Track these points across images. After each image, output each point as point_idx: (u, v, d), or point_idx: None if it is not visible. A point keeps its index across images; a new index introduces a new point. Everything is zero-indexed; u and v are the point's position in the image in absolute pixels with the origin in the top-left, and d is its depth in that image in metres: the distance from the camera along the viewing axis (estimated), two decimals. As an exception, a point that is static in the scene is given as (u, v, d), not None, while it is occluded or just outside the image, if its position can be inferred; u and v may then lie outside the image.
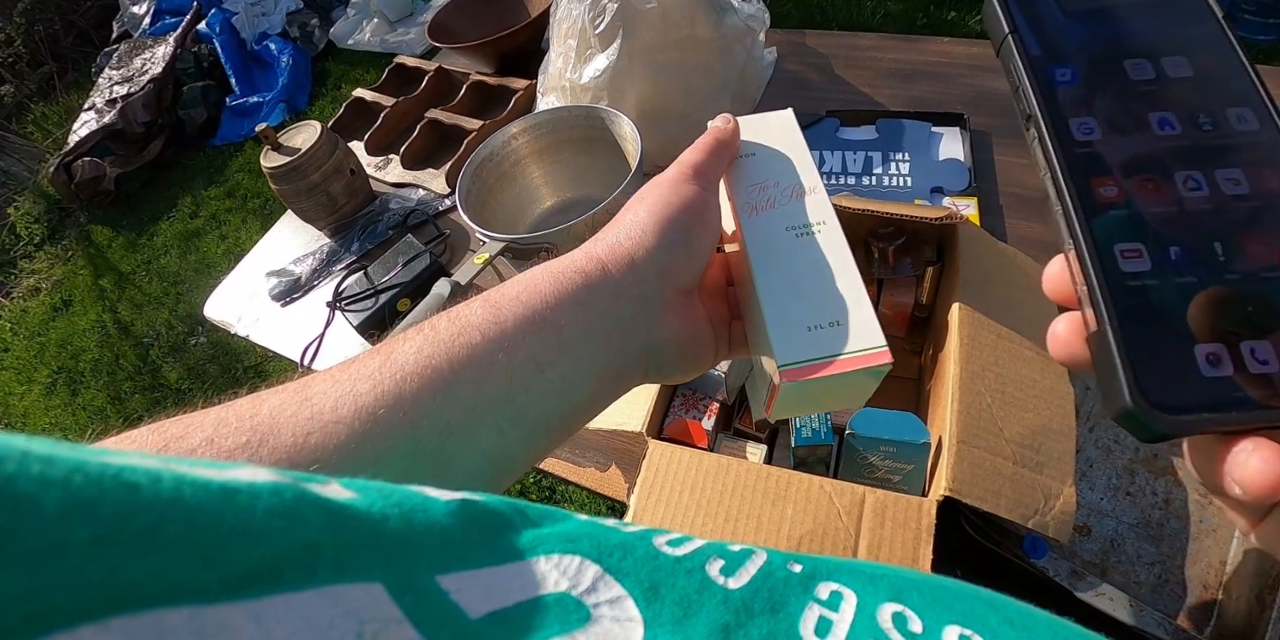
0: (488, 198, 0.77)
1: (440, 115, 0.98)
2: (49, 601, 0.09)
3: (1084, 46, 0.21)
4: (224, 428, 0.20)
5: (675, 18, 0.79)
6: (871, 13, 1.98)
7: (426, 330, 0.24)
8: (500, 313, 0.24)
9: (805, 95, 0.92)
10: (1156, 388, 0.17)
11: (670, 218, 0.27)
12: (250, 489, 0.12)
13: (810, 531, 0.44)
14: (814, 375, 0.25)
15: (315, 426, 0.21)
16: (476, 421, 0.23)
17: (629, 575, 0.15)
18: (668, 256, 0.26)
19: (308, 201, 0.90)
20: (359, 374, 0.22)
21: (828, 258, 0.28)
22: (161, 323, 1.98)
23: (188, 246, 2.15)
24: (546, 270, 0.26)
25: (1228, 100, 0.20)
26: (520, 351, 0.23)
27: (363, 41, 2.41)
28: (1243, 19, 1.68)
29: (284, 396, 0.22)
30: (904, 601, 0.16)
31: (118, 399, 1.85)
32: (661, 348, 0.27)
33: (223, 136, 2.41)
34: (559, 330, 0.24)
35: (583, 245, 0.27)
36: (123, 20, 2.79)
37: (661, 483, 0.47)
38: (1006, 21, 0.22)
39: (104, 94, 2.43)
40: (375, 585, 0.12)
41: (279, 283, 0.91)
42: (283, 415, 0.21)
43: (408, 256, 0.78)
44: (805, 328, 0.26)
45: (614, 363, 0.26)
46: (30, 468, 0.09)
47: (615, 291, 0.25)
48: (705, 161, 0.29)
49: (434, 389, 0.22)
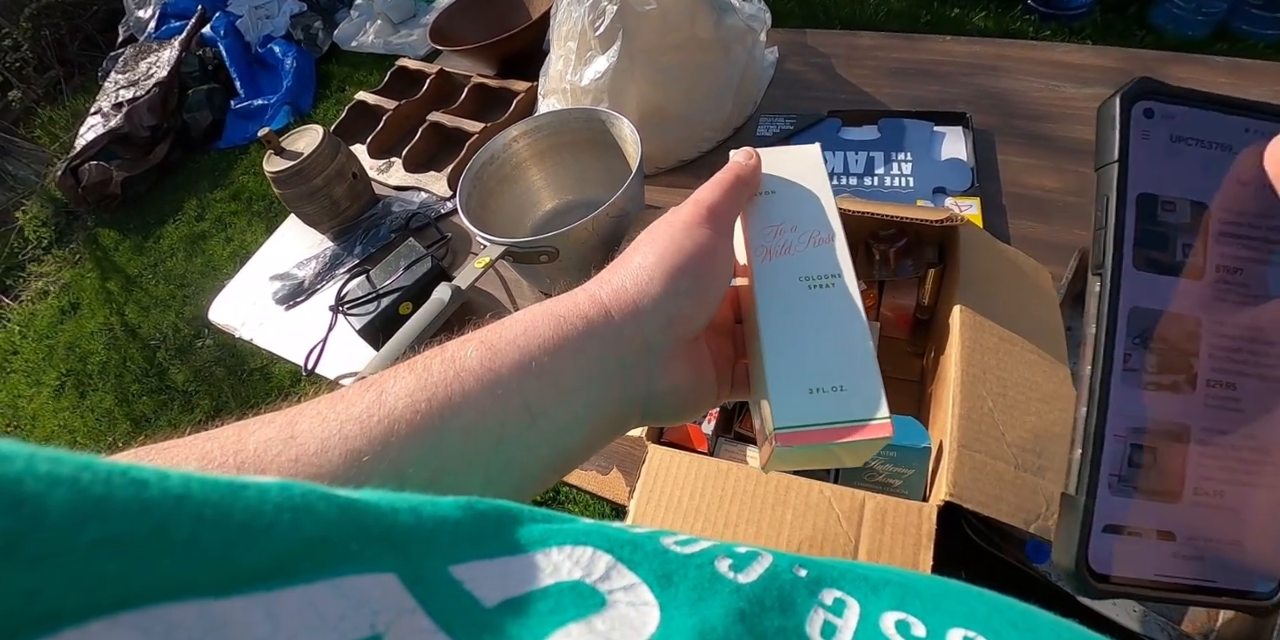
0: (488, 201, 0.77)
1: (442, 118, 0.99)
2: (59, 598, 0.09)
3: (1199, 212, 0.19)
4: (209, 462, 0.20)
5: (675, 19, 0.79)
6: (875, 9, 1.97)
7: (419, 370, 0.23)
8: (496, 358, 0.23)
9: (807, 95, 0.92)
10: (1098, 559, 0.19)
11: (680, 265, 0.25)
12: (258, 485, 0.12)
13: (810, 537, 0.44)
14: (809, 442, 0.24)
15: (299, 470, 0.20)
16: (465, 469, 0.22)
17: (641, 565, 0.15)
18: (674, 306, 0.25)
19: (310, 205, 0.91)
20: (348, 415, 0.22)
21: (840, 314, 0.26)
22: (168, 325, 1.99)
23: (194, 249, 2.17)
24: (548, 311, 0.25)
25: None
26: (514, 400, 0.23)
27: (366, 43, 2.42)
28: (1250, 13, 1.66)
29: (270, 432, 0.21)
30: (907, 608, 0.16)
31: (126, 401, 1.87)
32: (661, 397, 0.26)
33: (228, 139, 2.42)
34: (556, 379, 0.23)
35: (587, 285, 0.26)
36: (128, 24, 2.81)
37: (661, 488, 0.47)
38: (1120, 144, 0.19)
39: (110, 98, 2.44)
40: (388, 576, 0.12)
41: (282, 286, 0.91)
42: (268, 454, 0.21)
43: (410, 260, 0.78)
44: (808, 390, 0.25)
45: (610, 412, 0.25)
46: (38, 466, 0.09)
47: (617, 338, 0.24)
48: (722, 202, 0.27)
49: (423, 436, 0.21)
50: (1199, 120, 0.19)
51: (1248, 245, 0.19)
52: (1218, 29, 1.70)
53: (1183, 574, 0.19)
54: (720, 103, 0.86)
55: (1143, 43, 1.73)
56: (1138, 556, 0.20)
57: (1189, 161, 0.19)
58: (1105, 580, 0.19)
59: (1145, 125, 0.19)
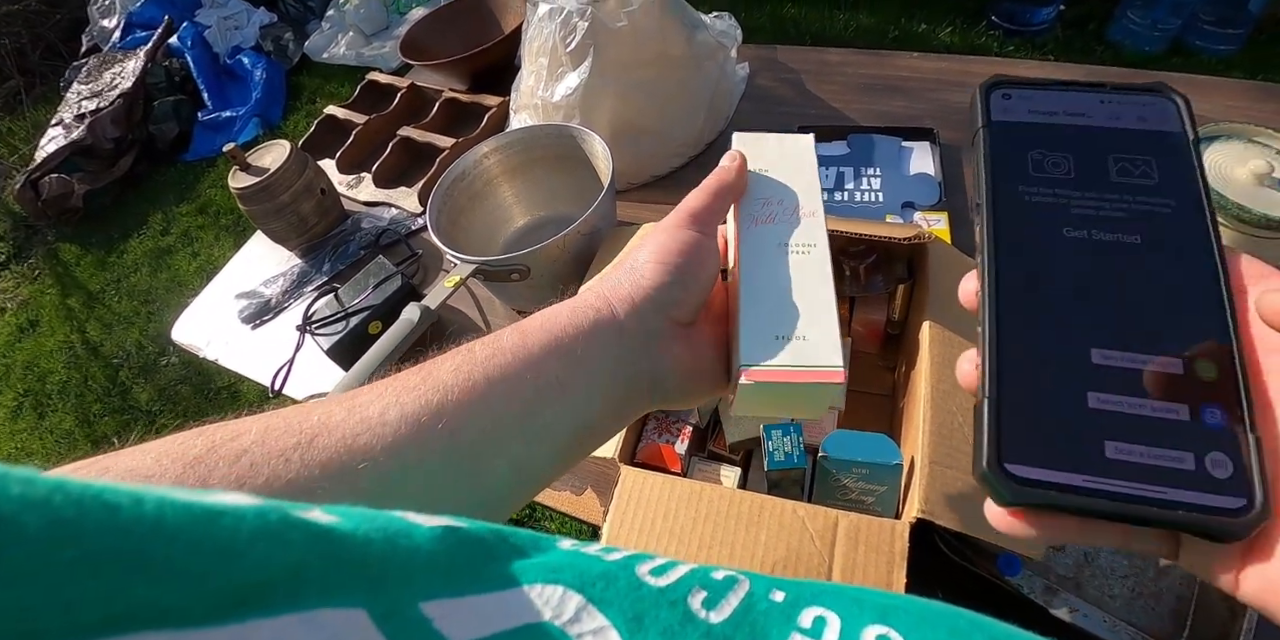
0: (459, 218, 0.76)
1: (413, 133, 0.98)
2: (29, 625, 0.08)
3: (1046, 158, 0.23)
4: (273, 431, 0.22)
5: (646, 35, 0.80)
6: (844, 25, 2.00)
7: (464, 352, 0.26)
8: (528, 338, 0.27)
9: (777, 110, 0.93)
10: (1013, 459, 0.18)
11: (666, 262, 0.29)
12: (235, 511, 0.11)
13: (784, 557, 0.43)
14: (770, 379, 0.27)
15: (364, 429, 0.23)
16: (506, 432, 0.25)
17: (612, 605, 0.15)
18: (664, 296, 0.29)
19: (277, 222, 0.89)
20: (402, 387, 0.25)
21: (811, 277, 0.30)
22: (132, 343, 1.94)
23: (159, 264, 2.11)
24: (565, 305, 0.29)
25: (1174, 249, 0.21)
26: (545, 372, 0.26)
27: (338, 55, 2.40)
28: (1202, 29, 1.73)
29: (330, 407, 0.24)
30: (889, 623, 0.16)
31: (87, 421, 1.81)
32: (665, 375, 0.30)
33: (195, 152, 2.37)
34: (575, 355, 0.27)
35: (592, 285, 0.31)
36: (92, 34, 2.75)
37: (634, 510, 0.46)
38: (983, 115, 0.24)
39: (72, 109, 2.38)
40: (359, 611, 0.12)
41: (249, 305, 0.89)
42: (331, 420, 0.23)
43: (379, 278, 0.77)
44: (774, 336, 0.28)
45: (620, 387, 0.29)
46: (9, 488, 0.09)
47: (619, 327, 0.28)
48: (705, 207, 0.31)
49: (471, 401, 0.25)
50: (1053, 98, 0.24)
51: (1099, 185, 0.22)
52: (1173, 44, 1.77)
53: (1121, 481, 0.17)
54: (692, 118, 0.87)
55: (1102, 58, 1.78)
56: (1063, 459, 0.18)
57: (1048, 126, 0.23)
58: (1026, 483, 0.18)
59: (1004, 104, 0.24)
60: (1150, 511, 0.17)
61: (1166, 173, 0.22)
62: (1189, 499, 0.17)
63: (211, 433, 0.22)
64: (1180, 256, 0.20)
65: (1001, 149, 0.23)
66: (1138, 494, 0.17)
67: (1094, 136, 0.23)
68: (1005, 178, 0.22)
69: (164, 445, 0.21)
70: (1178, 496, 0.17)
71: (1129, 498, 0.17)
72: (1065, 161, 0.22)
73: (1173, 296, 0.20)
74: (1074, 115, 0.23)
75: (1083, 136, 0.23)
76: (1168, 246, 0.21)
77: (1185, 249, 0.20)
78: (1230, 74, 1.65)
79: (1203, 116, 0.79)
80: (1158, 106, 0.23)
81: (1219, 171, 0.58)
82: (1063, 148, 0.23)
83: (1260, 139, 0.59)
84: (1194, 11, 1.71)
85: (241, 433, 0.22)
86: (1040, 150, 0.23)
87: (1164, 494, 0.17)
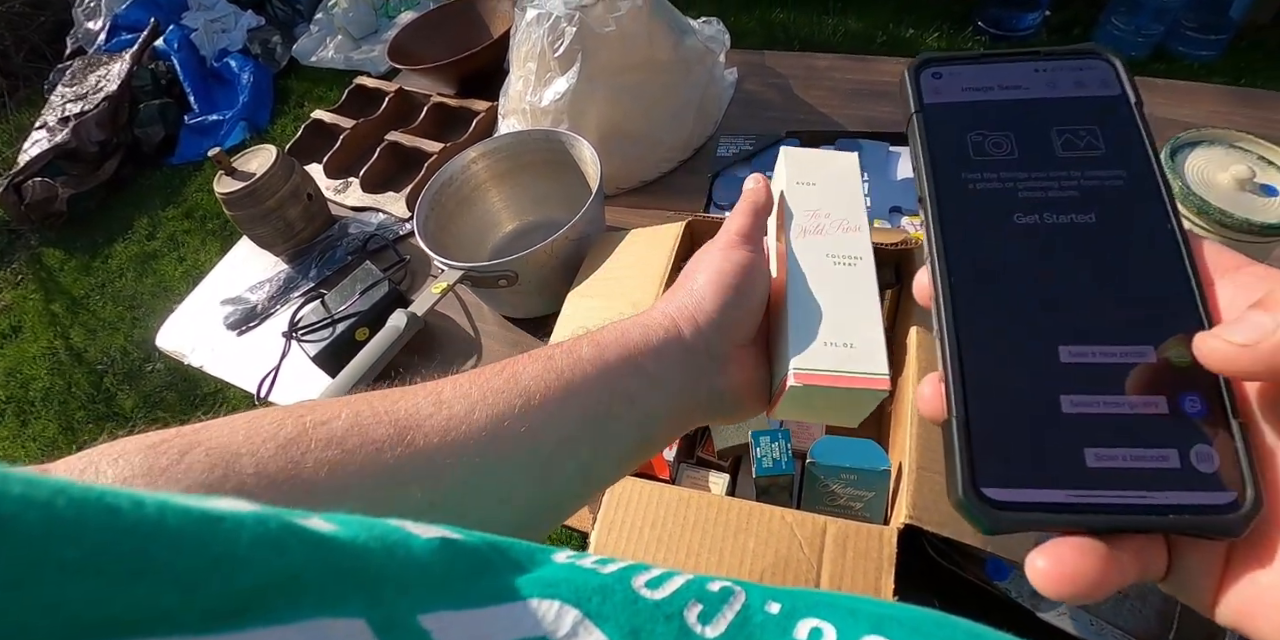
0: (448, 223, 0.76)
1: (400, 137, 0.97)
2: (26, 627, 0.08)
3: (987, 139, 0.21)
4: (364, 418, 0.23)
5: (634, 40, 0.80)
6: (833, 30, 2.02)
7: (543, 359, 0.27)
8: (605, 352, 0.28)
9: (766, 115, 0.93)
10: (989, 482, 0.17)
11: (724, 283, 0.30)
12: (234, 517, 0.11)
13: (772, 564, 0.43)
14: (818, 382, 0.28)
15: (453, 426, 0.24)
16: (579, 441, 0.26)
17: (609, 620, 0.15)
18: (724, 317, 0.30)
19: (264, 227, 0.88)
20: (488, 387, 0.25)
21: (857, 288, 0.30)
22: (116, 348, 1.91)
23: (144, 269, 2.09)
24: (636, 323, 0.30)
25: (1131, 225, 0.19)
26: (618, 386, 0.27)
27: (326, 58, 2.38)
28: (1185, 35, 1.75)
29: (417, 399, 0.24)
30: (884, 633, 0.16)
31: (70, 429, 1.78)
32: (722, 392, 0.31)
33: (181, 155, 2.35)
34: (647, 372, 0.28)
35: (658, 305, 0.31)
36: (77, 36, 2.72)
37: (622, 518, 0.46)
38: (915, 99, 0.22)
39: (56, 112, 2.35)
40: (358, 621, 0.12)
41: (234, 311, 0.88)
42: (419, 414, 0.24)
43: (366, 284, 0.76)
44: (824, 342, 0.29)
45: (683, 403, 0.30)
46: (11, 488, 0.09)
47: (685, 347, 0.29)
48: (749, 225, 0.32)
49: (551, 408, 0.26)
50: (986, 72, 0.22)
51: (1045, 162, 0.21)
52: (1156, 50, 1.79)
53: (1107, 491, 0.16)
54: (680, 123, 0.87)
55: (1086, 63, 1.80)
56: (1042, 475, 0.17)
57: (985, 103, 0.22)
58: (1006, 507, 0.16)
59: (935, 84, 0.22)
60: (1141, 520, 0.16)
61: (1113, 141, 0.20)
62: (1179, 500, 0.16)
63: (301, 414, 0.22)
64: (1139, 233, 0.19)
65: (939, 134, 0.22)
66: (1126, 502, 0.16)
67: (1034, 109, 0.21)
68: (946, 165, 0.21)
69: (252, 423, 0.21)
70: (1167, 499, 0.16)
71: (1118, 508, 0.16)
72: (1007, 140, 0.21)
73: (1137, 279, 0.19)
74: (1010, 88, 0.22)
75: (1022, 111, 0.21)
76: (1124, 224, 0.19)
77: (1143, 225, 0.19)
78: (1212, 79, 1.68)
79: (1185, 122, 0.80)
80: (1094, 70, 0.22)
81: (1201, 177, 0.59)
82: (1003, 126, 0.21)
83: (1241, 144, 0.60)
84: (1177, 18, 1.73)
85: (331, 417, 0.22)
86: (980, 131, 0.21)
87: (1153, 498, 0.16)
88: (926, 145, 0.22)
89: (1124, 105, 0.21)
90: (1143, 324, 0.18)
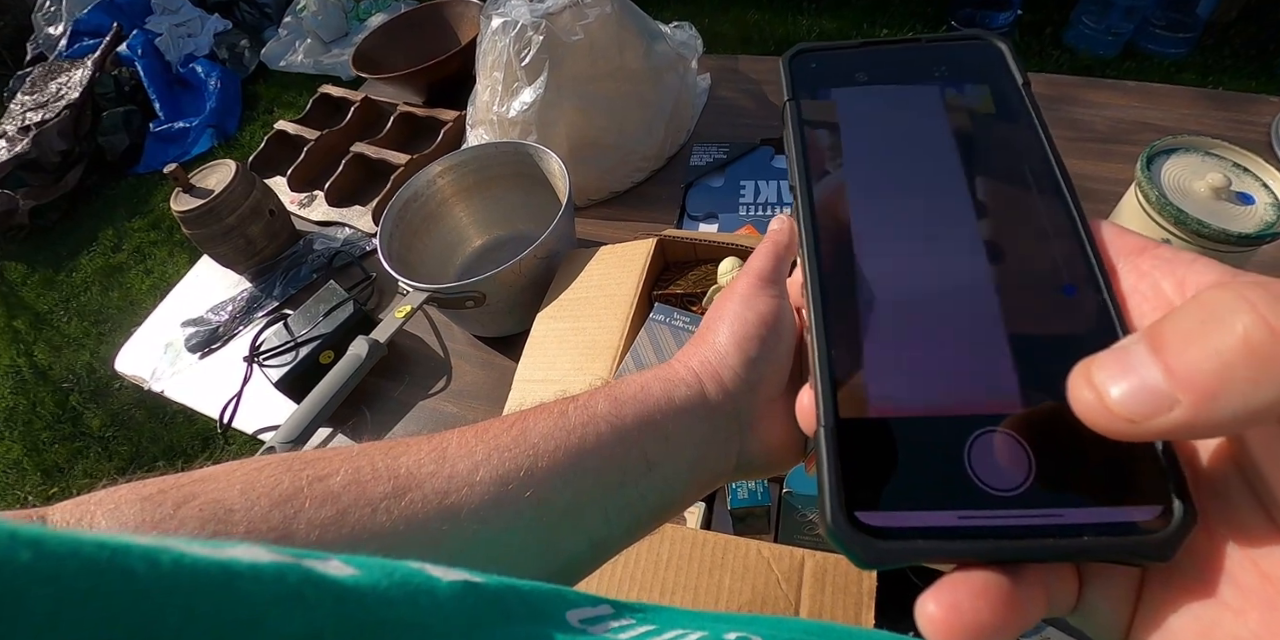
0: (413, 241, 0.73)
1: (366, 149, 0.94)
2: None
3: (863, 126, 0.20)
4: (363, 475, 0.22)
5: (603, 48, 0.78)
6: (807, 31, 2.01)
7: (556, 414, 0.26)
8: (622, 409, 0.26)
9: (739, 123, 0.91)
10: (864, 505, 0.14)
11: (749, 334, 0.28)
12: (253, 572, 0.11)
13: (749, 601, 0.42)
14: None
15: (453, 487, 0.23)
16: (590, 508, 0.25)
17: None
18: (751, 372, 0.28)
19: (224, 245, 0.85)
20: (495, 444, 0.24)
21: None
22: (82, 365, 1.86)
23: (110, 282, 2.03)
24: (658, 377, 0.28)
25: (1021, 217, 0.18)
26: (635, 449, 0.26)
27: (295, 63, 2.34)
28: (1154, 33, 1.76)
29: (420, 454, 0.24)
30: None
31: (36, 450, 1.73)
32: (753, 453, 0.29)
33: (146, 164, 2.29)
34: (667, 434, 0.26)
35: (680, 357, 0.29)
36: (37, 42, 2.64)
37: (593, 556, 0.44)
38: (788, 88, 0.21)
39: (16, 121, 2.28)
40: None
41: (195, 333, 0.85)
42: (421, 471, 0.23)
43: (330, 305, 0.73)
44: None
45: (709, 468, 0.28)
46: (18, 555, 0.08)
47: (710, 406, 0.27)
48: (770, 267, 0.30)
49: (560, 472, 0.24)
50: (864, 59, 0.21)
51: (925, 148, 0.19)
52: (1126, 48, 1.80)
53: (1003, 511, 0.13)
54: (652, 132, 0.85)
55: (1058, 61, 1.81)
56: (926, 494, 0.14)
57: (863, 91, 0.21)
58: (886, 536, 0.13)
59: (811, 72, 0.21)
60: (1050, 544, 0.13)
61: (1000, 124, 0.19)
62: (1093, 518, 0.13)
63: (299, 469, 0.22)
64: (1030, 218, 0.17)
65: (812, 122, 0.20)
66: (1029, 524, 0.13)
67: (914, 97, 0.20)
68: (818, 155, 0.20)
69: (250, 477, 0.21)
70: (1078, 517, 0.13)
71: (1020, 531, 0.13)
72: (885, 127, 0.20)
73: (1031, 269, 0.17)
74: (889, 76, 0.21)
75: (901, 98, 0.20)
76: (1016, 210, 0.17)
77: (1036, 209, 0.17)
78: (1181, 76, 1.70)
79: (1157, 124, 0.80)
80: (978, 54, 0.20)
81: (1177, 185, 0.58)
82: (881, 113, 0.20)
83: (1217, 151, 0.59)
84: (1146, 16, 1.75)
85: (329, 474, 0.22)
86: (856, 119, 0.20)
87: (1061, 518, 0.13)
88: (799, 133, 0.20)
89: (1011, 87, 0.19)
90: (1042, 314, 0.16)
